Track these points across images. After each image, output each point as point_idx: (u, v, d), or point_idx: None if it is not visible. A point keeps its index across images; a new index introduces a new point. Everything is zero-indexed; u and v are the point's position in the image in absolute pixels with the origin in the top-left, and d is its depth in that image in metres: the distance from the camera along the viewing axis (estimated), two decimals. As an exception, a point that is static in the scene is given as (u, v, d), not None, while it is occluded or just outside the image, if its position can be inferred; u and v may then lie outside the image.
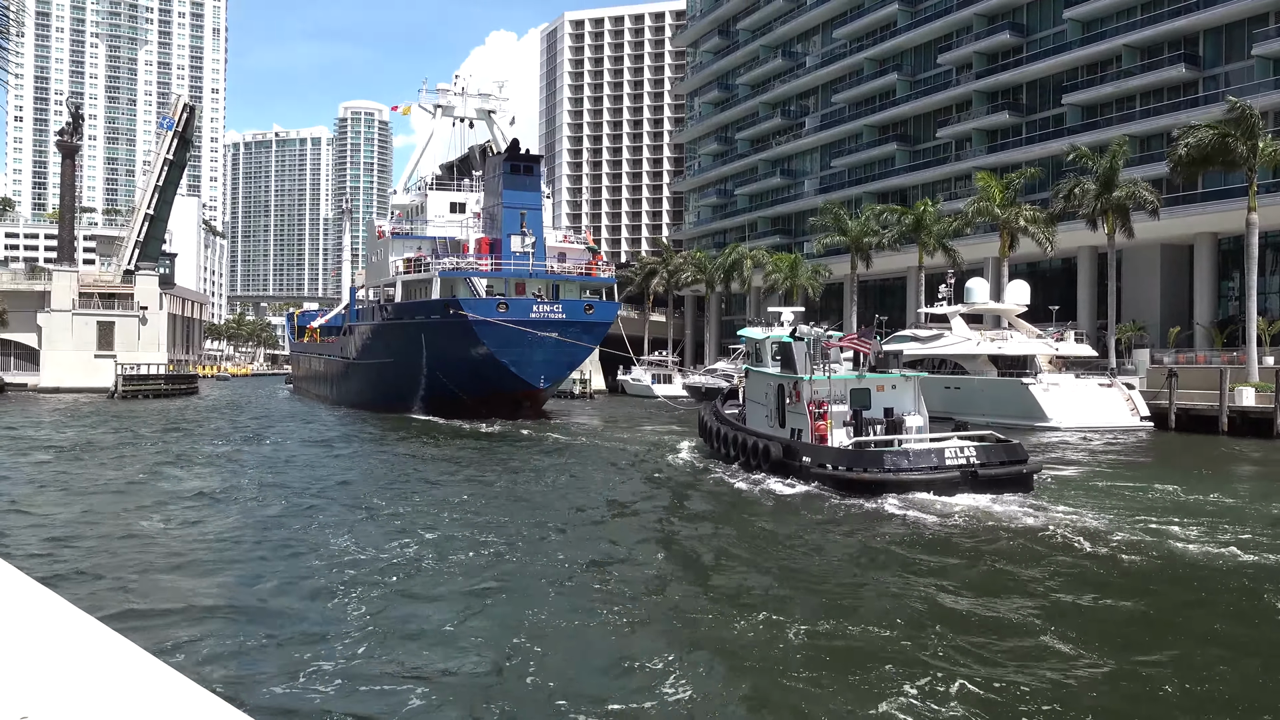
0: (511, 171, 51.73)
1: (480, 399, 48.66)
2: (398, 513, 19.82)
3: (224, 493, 22.94)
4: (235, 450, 33.76)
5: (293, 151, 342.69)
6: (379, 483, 25.30)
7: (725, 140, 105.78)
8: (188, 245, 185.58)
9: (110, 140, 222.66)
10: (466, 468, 28.18)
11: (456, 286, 51.26)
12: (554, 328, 48.86)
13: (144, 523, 18.75)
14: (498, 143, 64.02)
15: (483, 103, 66.72)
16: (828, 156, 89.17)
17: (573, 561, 15.33)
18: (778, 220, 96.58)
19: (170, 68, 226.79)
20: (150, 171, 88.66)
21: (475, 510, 19.80)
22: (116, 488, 23.98)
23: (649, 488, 25.09)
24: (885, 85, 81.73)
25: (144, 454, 32.03)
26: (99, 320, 79.79)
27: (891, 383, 24.98)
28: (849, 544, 17.04)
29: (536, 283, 51.81)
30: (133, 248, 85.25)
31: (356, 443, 37.80)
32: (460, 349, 48.70)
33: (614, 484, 25.45)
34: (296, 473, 27.51)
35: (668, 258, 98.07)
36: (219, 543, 17.06)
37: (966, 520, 18.90)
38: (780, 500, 21.76)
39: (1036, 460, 23.18)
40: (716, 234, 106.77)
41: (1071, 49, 65.99)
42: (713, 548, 16.90)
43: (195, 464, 29.56)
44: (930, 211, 62.54)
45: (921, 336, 53.95)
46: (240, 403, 68.70)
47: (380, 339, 56.67)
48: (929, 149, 78.50)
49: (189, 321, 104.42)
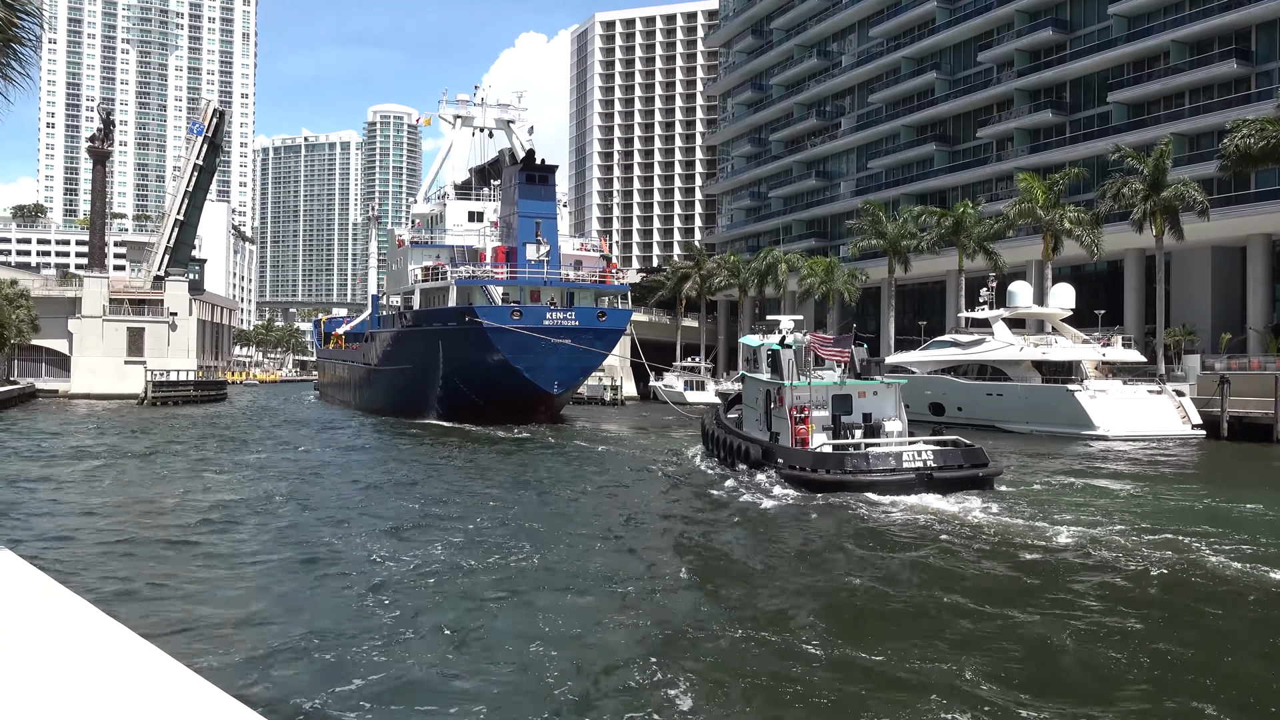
0: (527, 181, 53.55)
1: (496, 404, 50.33)
2: (423, 525, 19.95)
3: (253, 502, 23.22)
4: (264, 458, 34.09)
5: (322, 156, 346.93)
6: (403, 495, 25.34)
7: (759, 142, 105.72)
8: (217, 251, 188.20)
9: (140, 146, 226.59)
10: (476, 479, 28.19)
11: (473, 294, 53.37)
12: (567, 334, 50.56)
13: (179, 531, 19.08)
14: (517, 152, 66.03)
15: (502, 113, 68.91)
16: (864, 158, 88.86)
17: (583, 573, 15.51)
18: (813, 223, 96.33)
19: (200, 73, 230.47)
20: (180, 177, 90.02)
21: (480, 525, 19.79)
22: (150, 496, 24.32)
23: (657, 494, 25.81)
24: (923, 84, 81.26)
25: (176, 463, 32.38)
26: (129, 326, 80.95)
27: (873, 389, 26.46)
28: (786, 541, 18.51)
29: (551, 290, 53.75)
30: (163, 254, 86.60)
31: (378, 450, 38.43)
32: (476, 355, 50.44)
33: (627, 493, 25.89)
34: (328, 482, 27.85)
35: (700, 262, 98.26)
36: (253, 553, 17.28)
37: (907, 517, 20.43)
38: (746, 504, 22.71)
39: (998, 465, 24.76)
40: (750, 237, 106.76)
41: (1117, 45, 65.21)
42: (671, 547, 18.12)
43: (226, 471, 29.96)
44: (970, 213, 62.17)
45: (962, 342, 53.59)
46: (268, 409, 69.68)
47: (400, 346, 58.58)
48: (969, 149, 77.93)
49: (218, 327, 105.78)
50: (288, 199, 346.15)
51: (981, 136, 75.42)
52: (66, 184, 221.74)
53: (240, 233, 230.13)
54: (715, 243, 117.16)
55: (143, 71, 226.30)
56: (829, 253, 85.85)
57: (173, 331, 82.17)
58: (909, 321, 78.01)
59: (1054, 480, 27.33)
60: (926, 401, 53.98)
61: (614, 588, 14.39)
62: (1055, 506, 22.14)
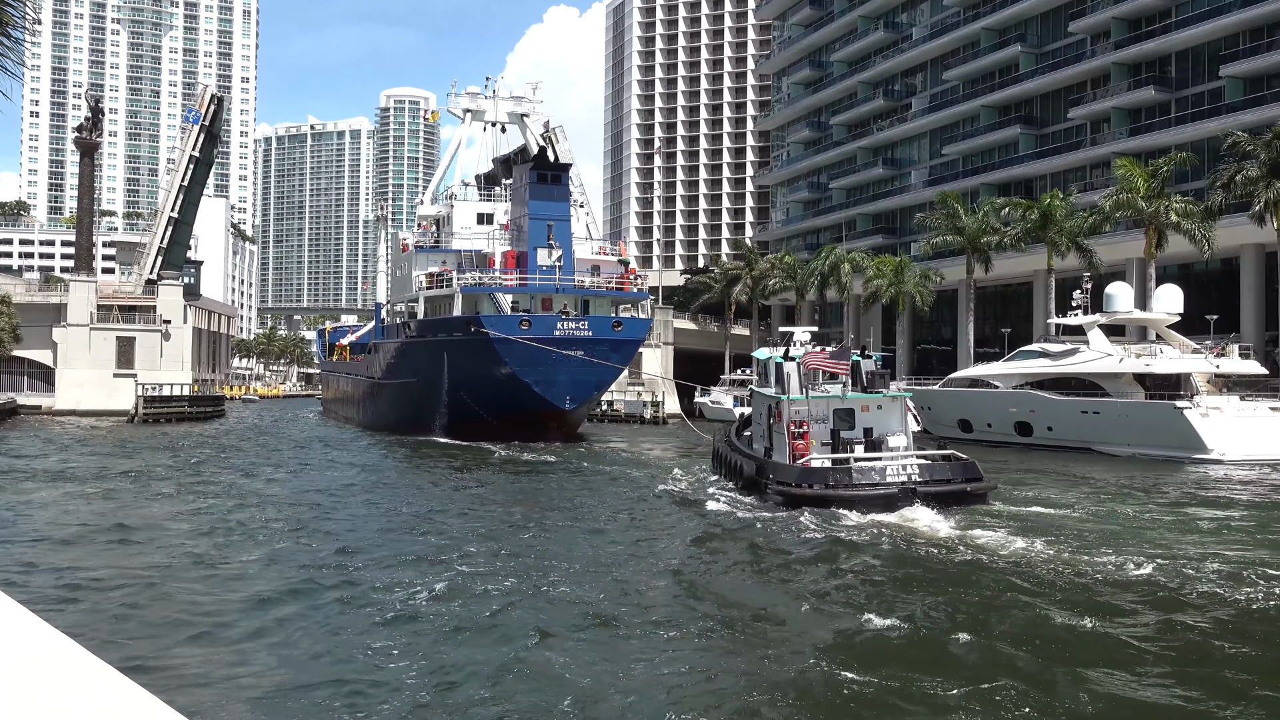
0: (539, 181, 55.31)
1: (504, 421, 52.14)
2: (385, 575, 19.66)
3: (227, 536, 23.54)
4: (259, 487, 34.52)
5: (330, 146, 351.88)
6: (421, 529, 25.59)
7: (818, 126, 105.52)
8: (215, 251, 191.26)
9: (131, 137, 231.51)
10: (447, 510, 28.40)
11: (480, 303, 55.47)
12: (579, 346, 52.45)
13: (174, 568, 19.53)
14: (530, 148, 67.99)
15: (515, 105, 70.97)
16: (938, 143, 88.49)
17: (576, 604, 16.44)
18: (879, 218, 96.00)
19: (196, 56, 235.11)
20: (174, 170, 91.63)
21: (454, 574, 19.41)
22: (146, 532, 24.78)
23: (638, 522, 26.83)
24: (1006, 59, 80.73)
25: (172, 492, 32.86)
26: (118, 335, 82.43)
27: (877, 403, 28.60)
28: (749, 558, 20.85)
29: (564, 298, 55.83)
30: (155, 255, 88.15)
31: (360, 471, 39.58)
32: (483, 368, 52.37)
33: (605, 522, 26.57)
34: (337, 513, 28.29)
35: (752, 262, 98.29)
36: (258, 589, 17.71)
37: (869, 531, 23.04)
38: (713, 530, 24.69)
39: (991, 480, 27.13)
40: (808, 234, 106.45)
41: (1230, 11, 64.26)
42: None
43: (216, 496, 30.48)
44: (1060, 205, 61.72)
45: (1052, 352, 53.14)
46: (268, 428, 70.82)
47: (403, 358, 60.82)
48: (1058, 132, 77.26)
49: (215, 336, 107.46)
50: (292, 194, 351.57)
51: (1073, 118, 74.72)
52: (51, 179, 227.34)
53: (240, 232, 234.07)
54: (769, 240, 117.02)
55: (134, 55, 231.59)
56: (898, 251, 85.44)
57: (166, 341, 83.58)
58: (990, 329, 77.48)
59: (1144, 507, 28.03)
60: (1011, 421, 53.48)
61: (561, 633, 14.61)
62: (1129, 538, 22.54)
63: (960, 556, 20.28)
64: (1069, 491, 32.02)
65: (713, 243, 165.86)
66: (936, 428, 60.95)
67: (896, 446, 27.41)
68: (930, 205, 78.40)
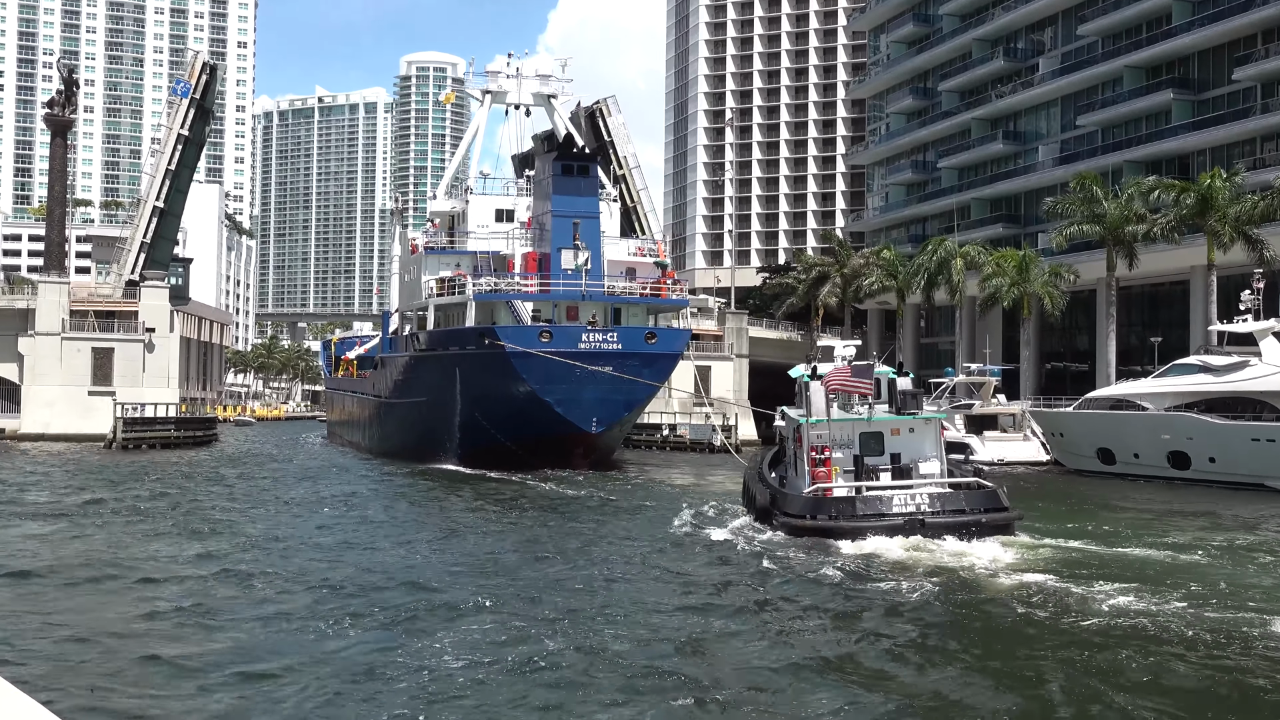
0: (563, 172, 57.05)
1: (524, 445, 54.40)
2: None
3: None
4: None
5: (340, 122, 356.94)
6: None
7: (924, 93, 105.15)
8: (206, 248, 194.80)
9: (110, 113, 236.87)
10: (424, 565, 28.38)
11: (496, 312, 57.93)
12: (608, 360, 54.51)
13: (149, 630, 20.09)
14: (557, 133, 70.30)
15: (541, 85, 72.99)
16: (1072, 112, 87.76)
17: None
18: (999, 203, 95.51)
19: (186, 18, 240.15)
20: (160, 152, 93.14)
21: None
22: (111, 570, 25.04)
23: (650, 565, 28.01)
24: (1156, 8, 79.89)
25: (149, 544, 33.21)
26: (94, 346, 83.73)
27: (909, 425, 30.89)
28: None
29: (591, 306, 57.67)
30: (137, 251, 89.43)
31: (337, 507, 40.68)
32: (499, 386, 54.81)
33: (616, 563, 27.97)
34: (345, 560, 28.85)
35: (843, 258, 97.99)
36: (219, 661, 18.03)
37: (857, 565, 25.77)
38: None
39: (1015, 511, 29.37)
40: (912, 224, 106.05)
41: None
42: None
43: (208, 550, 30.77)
44: (1224, 186, 61.08)
45: (1214, 365, 52.46)
46: (263, 456, 72.03)
47: (411, 375, 63.32)
48: (1221, 98, 76.29)
49: (207, 347, 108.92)
50: (297, 179, 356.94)
51: (1239, 79, 73.75)
52: (18, 162, 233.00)
53: (236, 224, 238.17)
54: (864, 231, 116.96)
55: (114, 18, 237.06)
56: (1022, 244, 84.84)
57: (149, 353, 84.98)
58: (1137, 338, 76.81)
59: None
60: (1164, 450, 52.68)
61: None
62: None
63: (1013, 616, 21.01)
64: (1211, 535, 32.42)
65: (796, 234, 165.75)
66: (1069, 458, 60.33)
67: (929, 474, 29.88)
68: (1062, 188, 77.76)
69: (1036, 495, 43.95)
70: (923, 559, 26.22)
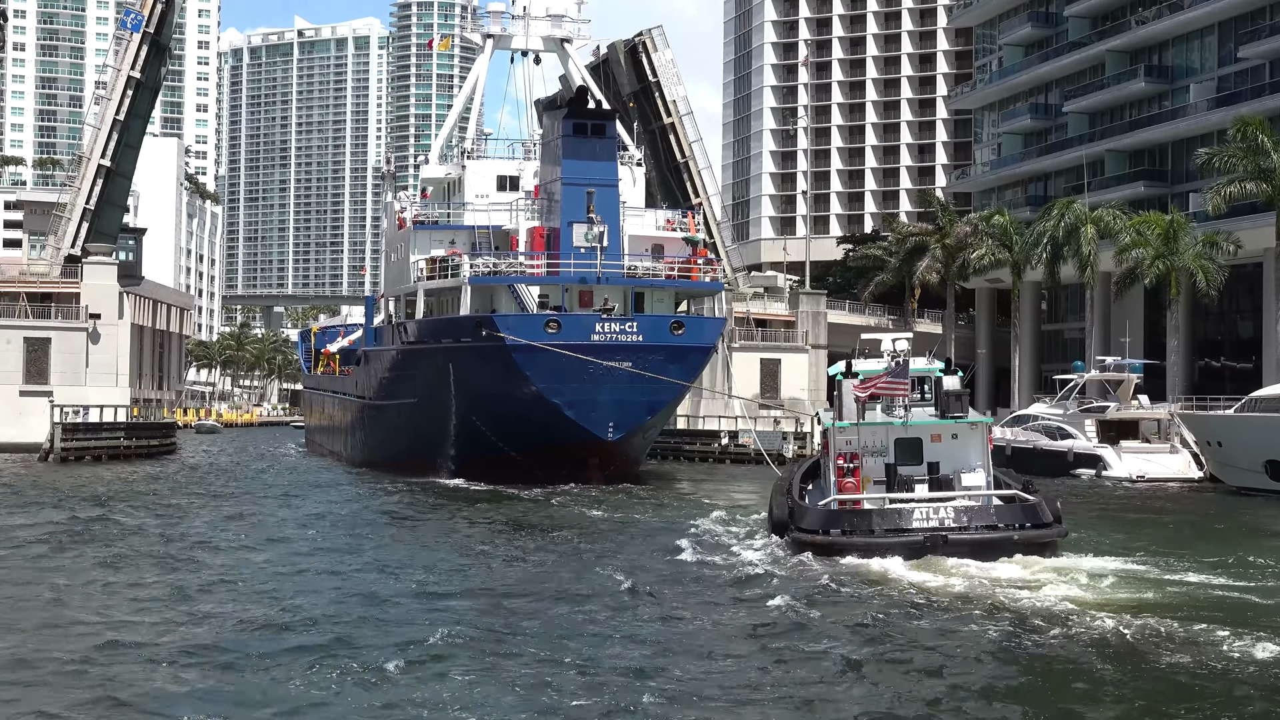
0: (575, 133, 58.04)
1: (530, 455, 56.07)
2: None
3: None
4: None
5: (325, 62, 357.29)
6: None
7: (1045, 20, 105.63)
8: (163, 215, 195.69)
9: (45, 51, 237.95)
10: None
11: (496, 297, 59.49)
12: (626, 354, 55.99)
13: None
14: (571, 83, 73.10)
15: (552, 29, 74.68)
16: (1231, 41, 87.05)
17: None
18: (1140, 156, 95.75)
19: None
20: (106, 99, 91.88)
21: None
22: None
23: None
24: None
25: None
26: (26, 336, 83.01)
27: (951, 431, 32.58)
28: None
29: (607, 290, 58.28)
30: (79, 220, 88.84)
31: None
32: (500, 386, 56.50)
33: None
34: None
35: (945, 225, 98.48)
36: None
37: (856, 585, 28.08)
38: None
39: (1060, 528, 30.68)
40: (1031, 181, 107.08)
41: None
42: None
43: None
44: None
45: None
46: (229, 469, 73.78)
47: (399, 372, 65.32)
48: None
49: (164, 337, 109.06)
50: (273, 132, 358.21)
51: None
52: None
53: (199, 186, 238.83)
54: (970, 192, 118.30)
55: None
56: (1169, 206, 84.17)
57: (94, 345, 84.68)
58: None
59: None
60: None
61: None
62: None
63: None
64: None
65: (886, 196, 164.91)
66: (1229, 473, 59.54)
67: (973, 485, 31.87)
68: (1220, 136, 76.93)
69: (1179, 519, 46.09)
70: (940, 583, 27.71)
